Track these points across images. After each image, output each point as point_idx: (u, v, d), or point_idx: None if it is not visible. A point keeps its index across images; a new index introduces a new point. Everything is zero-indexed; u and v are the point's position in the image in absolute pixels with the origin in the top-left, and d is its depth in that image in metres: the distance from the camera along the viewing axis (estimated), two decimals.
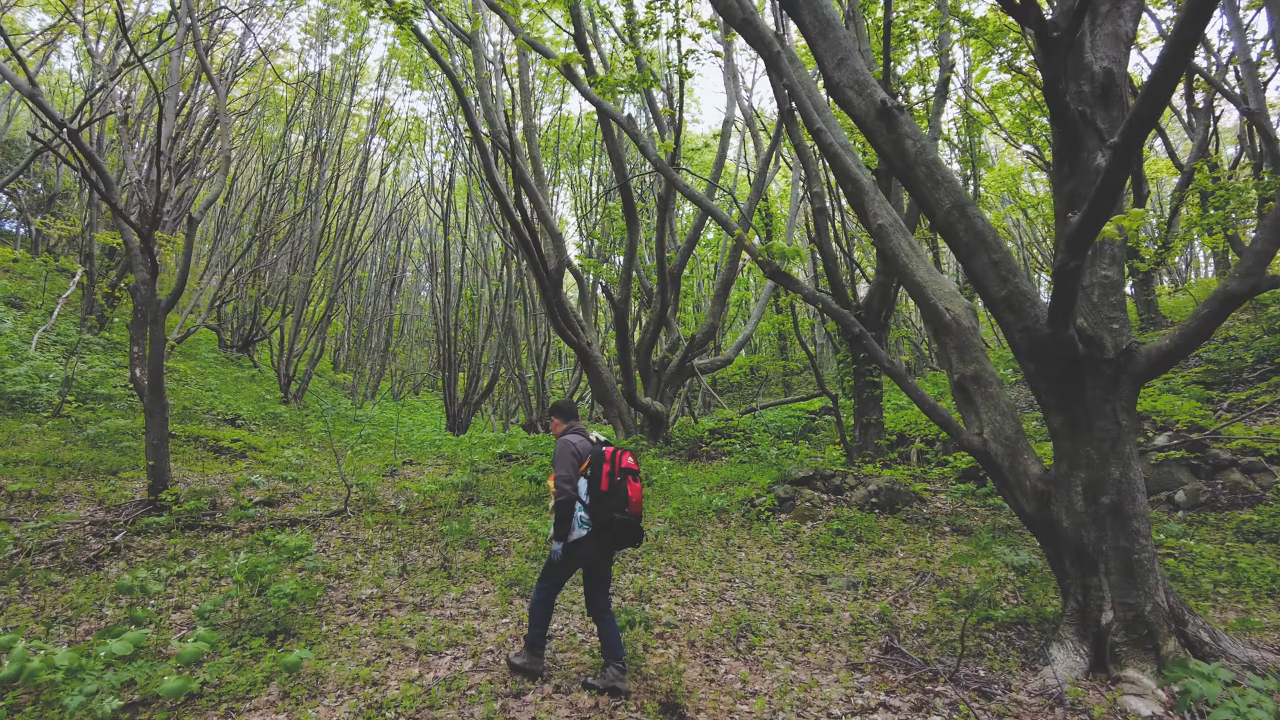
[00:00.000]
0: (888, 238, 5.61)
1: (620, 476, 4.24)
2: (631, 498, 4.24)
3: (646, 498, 9.02)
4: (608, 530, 4.20)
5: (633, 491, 4.25)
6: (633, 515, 4.25)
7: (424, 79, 23.82)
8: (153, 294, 8.04)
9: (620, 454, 4.35)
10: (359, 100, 27.93)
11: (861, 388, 10.09)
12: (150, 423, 7.89)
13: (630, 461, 4.36)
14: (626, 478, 4.25)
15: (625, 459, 4.33)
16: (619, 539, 4.30)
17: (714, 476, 9.97)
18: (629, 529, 4.26)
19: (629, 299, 11.71)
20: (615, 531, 4.22)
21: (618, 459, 4.30)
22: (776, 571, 6.72)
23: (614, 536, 4.25)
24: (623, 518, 4.20)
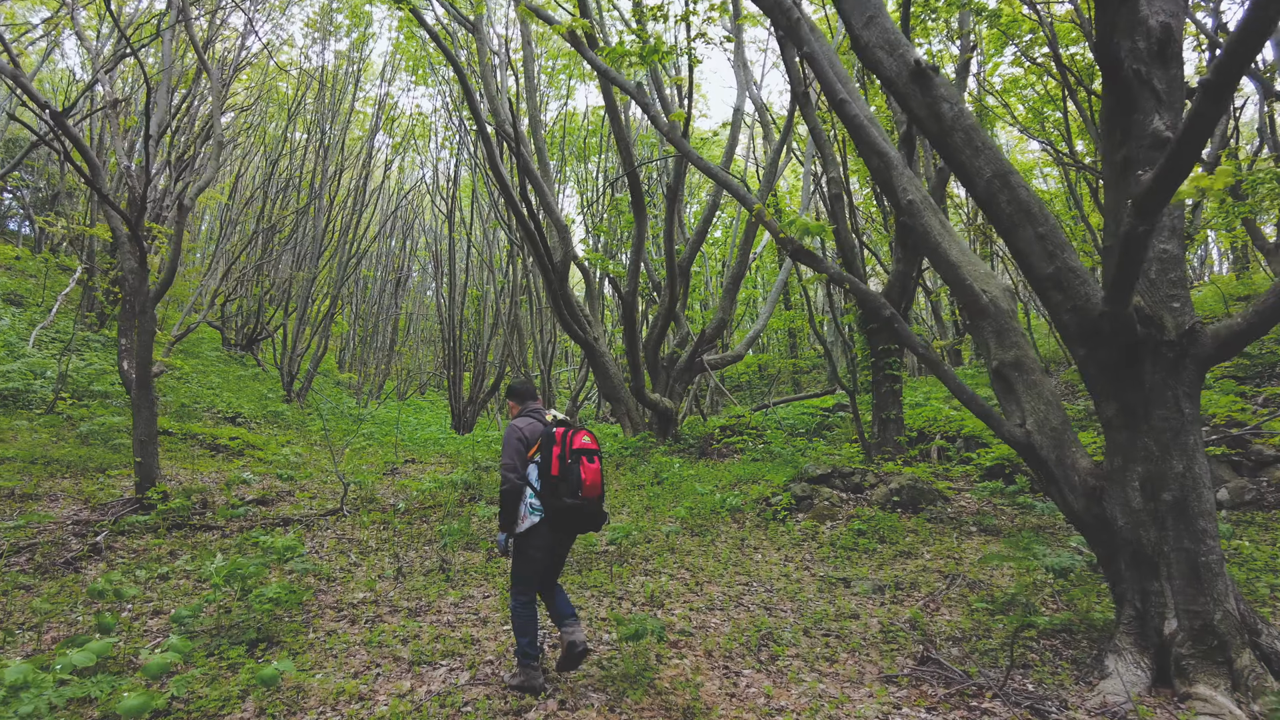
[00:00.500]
0: (919, 214, 5.20)
1: (572, 458, 3.91)
2: (585, 480, 3.89)
3: (656, 496, 8.63)
4: (561, 517, 3.90)
5: (587, 473, 3.90)
6: (587, 499, 3.91)
7: (428, 74, 23.49)
8: (141, 284, 7.69)
9: (573, 433, 4.02)
10: (363, 98, 27.67)
11: (880, 382, 9.67)
12: (138, 418, 7.54)
13: (586, 440, 4.01)
14: (579, 459, 3.91)
15: (579, 438, 4.00)
16: (575, 525, 4.03)
17: (726, 475, 9.57)
18: (583, 514, 3.94)
19: (637, 292, 11.32)
20: (569, 518, 3.92)
21: (569, 439, 3.97)
22: (796, 574, 6.32)
23: (568, 523, 3.97)
24: (575, 503, 3.87)
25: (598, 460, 3.99)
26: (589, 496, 3.91)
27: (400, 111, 28.20)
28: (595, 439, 4.12)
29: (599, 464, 3.99)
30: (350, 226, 23.94)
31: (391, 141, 26.88)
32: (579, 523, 4.00)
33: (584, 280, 14.47)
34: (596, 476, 3.93)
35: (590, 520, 4.02)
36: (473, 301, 27.46)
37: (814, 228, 5.64)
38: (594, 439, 4.09)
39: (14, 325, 16.07)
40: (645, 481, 9.35)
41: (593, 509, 3.97)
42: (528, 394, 4.43)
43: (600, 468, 4.00)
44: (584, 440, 4.00)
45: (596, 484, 3.94)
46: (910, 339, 5.09)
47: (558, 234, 12.61)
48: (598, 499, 3.98)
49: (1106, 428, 4.24)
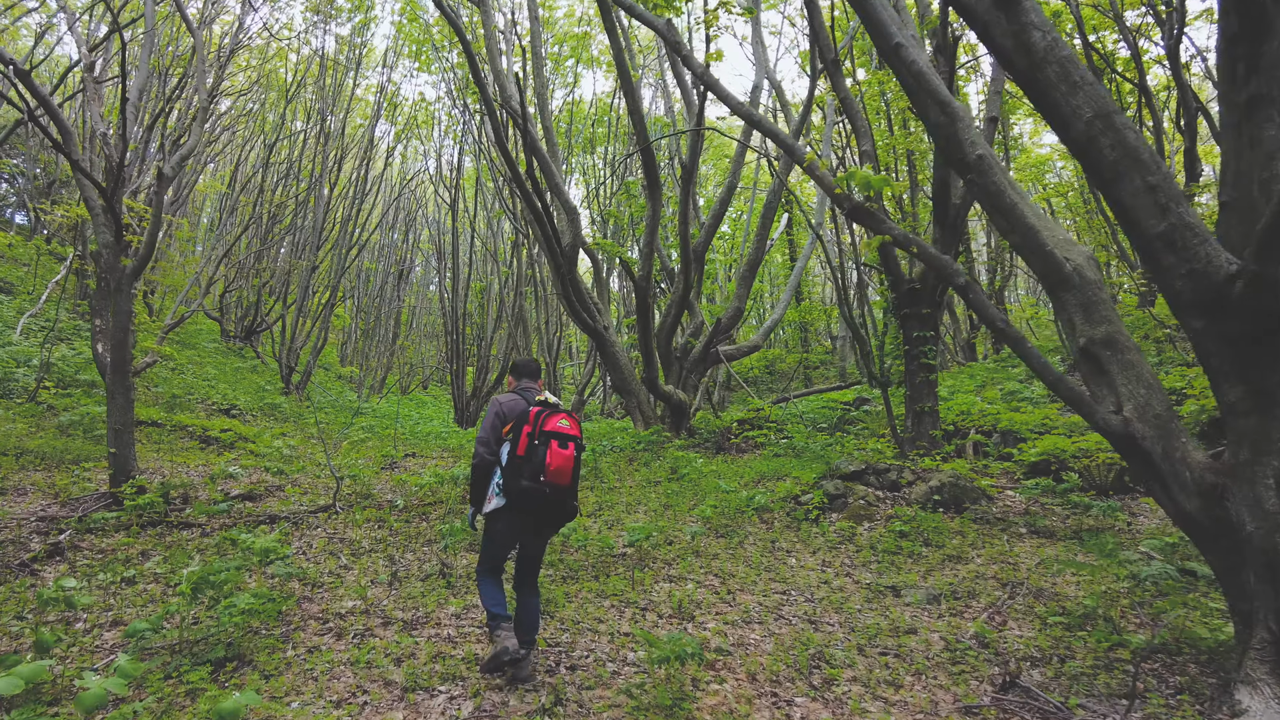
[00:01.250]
0: (989, 172, 4.52)
1: (540, 440, 3.66)
2: (550, 464, 3.61)
3: (674, 493, 7.98)
4: (521, 500, 3.65)
5: (554, 458, 3.62)
6: (551, 484, 3.62)
7: (431, 60, 22.84)
8: (117, 260, 7.05)
9: (548, 415, 3.75)
10: (365, 85, 27.01)
11: (914, 372, 9.00)
12: (112, 405, 6.91)
13: (563, 425, 3.74)
14: (549, 441, 3.65)
15: (554, 420, 3.73)
16: (538, 512, 3.74)
17: (748, 471, 8.92)
18: (545, 501, 3.66)
19: (651, 277, 10.67)
20: (529, 502, 3.65)
21: (541, 419, 3.72)
22: (837, 581, 5.66)
23: (530, 508, 3.70)
24: (533, 485, 3.60)
25: (571, 447, 3.71)
26: (553, 482, 3.62)
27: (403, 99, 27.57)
28: (577, 425, 3.83)
29: (572, 451, 3.71)
30: (351, 217, 23.30)
31: (394, 130, 26.25)
32: (543, 510, 3.73)
33: (592, 268, 13.80)
34: (565, 463, 3.66)
35: (555, 509, 3.75)
36: (476, 294, 26.85)
37: (876, 181, 4.96)
38: (575, 424, 3.81)
39: (1, 313, 15.45)
40: (661, 477, 8.70)
41: (557, 496, 3.67)
42: (526, 371, 4.24)
43: (574, 455, 3.72)
44: (559, 424, 3.73)
45: (564, 470, 3.65)
46: (989, 310, 4.42)
47: (566, 217, 11.95)
48: (564, 487, 3.67)
49: (1229, 414, 3.57)
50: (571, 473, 3.70)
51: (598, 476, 8.79)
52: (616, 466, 9.42)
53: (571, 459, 3.69)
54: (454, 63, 22.09)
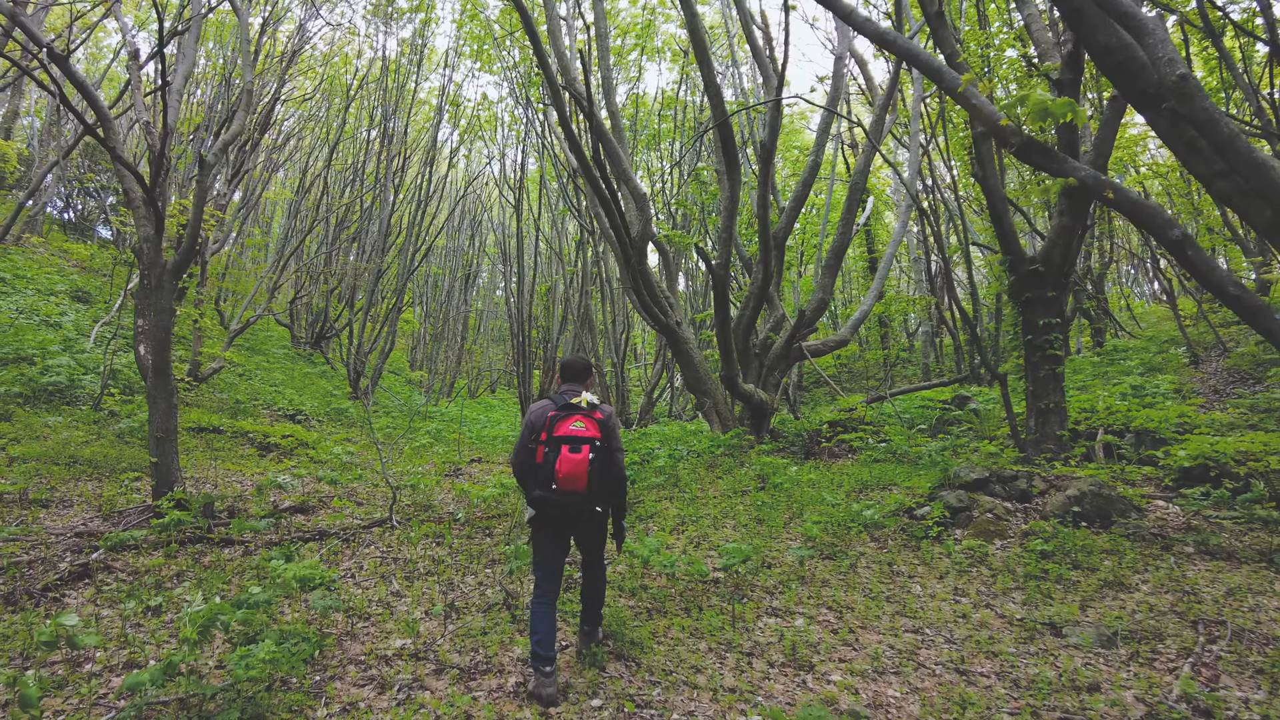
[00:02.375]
0: (1194, 97, 3.47)
1: (550, 446, 3.60)
2: (559, 471, 3.52)
3: (765, 506, 7.03)
4: (540, 508, 3.63)
5: (564, 464, 3.52)
6: (563, 492, 3.54)
7: (493, 58, 22.43)
8: (158, 255, 6.55)
9: (561, 419, 3.66)
10: (429, 89, 26.86)
11: (1037, 364, 7.82)
12: (154, 411, 6.39)
13: (574, 428, 3.62)
14: (560, 447, 3.57)
15: (565, 424, 3.63)
16: (558, 520, 3.68)
17: (846, 479, 7.90)
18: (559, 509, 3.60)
19: (729, 265, 9.73)
20: (546, 511, 3.62)
21: (554, 424, 3.65)
22: (978, 615, 4.64)
23: (549, 517, 3.66)
24: (544, 494, 3.57)
25: (585, 450, 3.56)
26: (566, 489, 3.53)
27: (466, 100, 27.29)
28: (595, 426, 3.67)
29: (585, 454, 3.55)
30: (416, 220, 23.06)
31: (457, 132, 25.96)
32: (562, 519, 3.67)
33: (661, 261, 12.97)
34: (576, 468, 3.52)
35: (574, 517, 3.66)
36: (541, 297, 26.37)
37: (1057, 107, 3.92)
38: (592, 426, 3.66)
39: (77, 322, 15.54)
40: (749, 486, 7.77)
41: (571, 503, 3.57)
42: (568, 374, 4.01)
43: (588, 457, 3.55)
44: (571, 427, 3.62)
45: (575, 475, 3.52)
46: (1215, 273, 3.38)
47: (635, 205, 11.13)
48: (578, 494, 3.55)
49: None
50: (586, 477, 3.53)
51: (677, 485, 7.92)
52: (696, 474, 8.53)
53: (584, 463, 3.53)
54: (515, 60, 21.62)
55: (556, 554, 3.76)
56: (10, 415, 9.51)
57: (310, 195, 20.71)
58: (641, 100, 24.47)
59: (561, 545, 3.77)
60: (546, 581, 3.71)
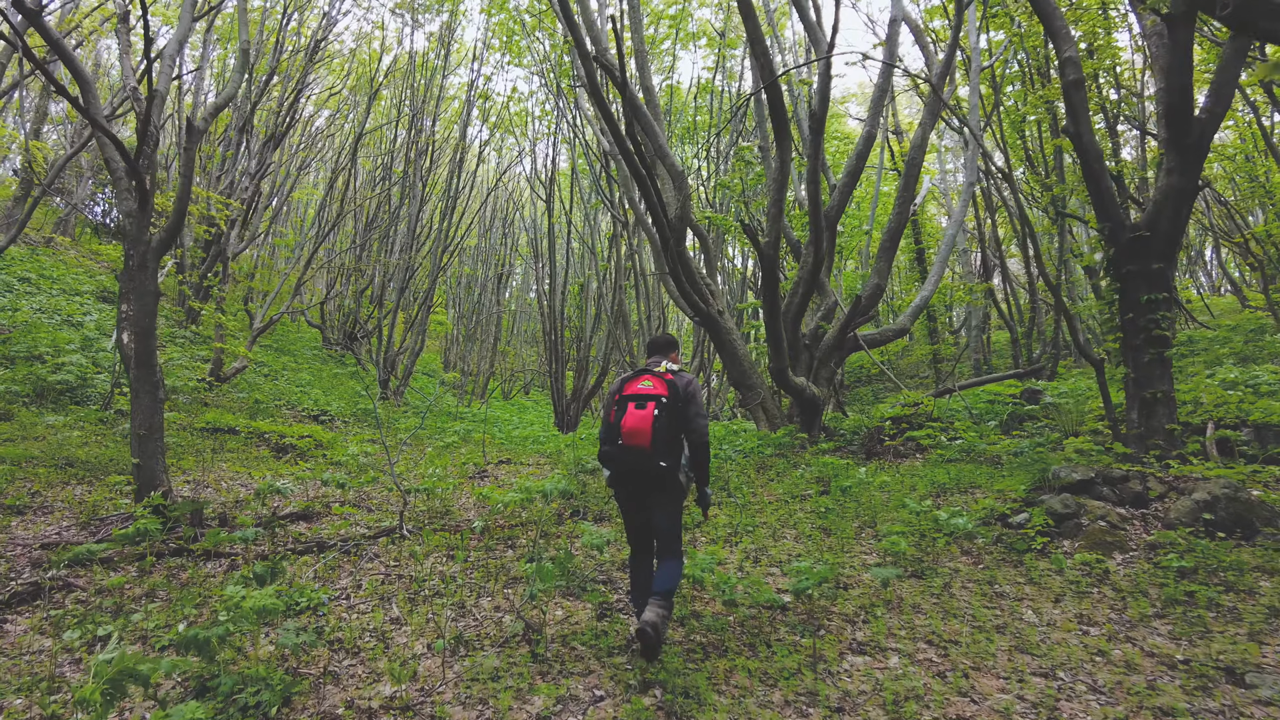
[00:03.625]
0: None
1: (618, 405, 3.68)
2: (623, 427, 3.57)
3: (828, 511, 6.08)
4: (609, 464, 3.67)
5: (628, 419, 3.57)
6: (626, 447, 3.56)
7: (522, 50, 21.75)
8: (142, 232, 5.84)
9: (631, 379, 3.76)
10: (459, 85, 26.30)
11: (1140, 347, 6.74)
12: (136, 406, 5.68)
13: (641, 386, 3.68)
14: (626, 405, 3.63)
15: (635, 384, 3.70)
16: (624, 477, 3.67)
17: (919, 482, 6.91)
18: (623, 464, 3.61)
19: (779, 245, 8.77)
20: (614, 466, 3.66)
21: (623, 385, 3.76)
22: (1119, 651, 3.66)
23: (618, 473, 3.67)
24: (610, 449, 3.63)
25: (651, 406, 3.59)
26: (629, 444, 3.56)
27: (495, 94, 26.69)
28: (662, 384, 3.68)
29: (650, 410, 3.57)
30: (446, 214, 22.44)
31: (485, 126, 25.33)
32: (628, 476, 3.65)
33: (700, 248, 12.07)
34: (640, 423, 3.55)
35: (639, 474, 3.61)
36: (574, 296, 25.64)
37: None
38: (659, 384, 3.67)
39: (100, 322, 15.12)
40: (808, 490, 6.82)
41: (633, 458, 3.57)
42: (654, 347, 4.09)
43: (652, 413, 3.56)
44: (639, 385, 3.69)
45: (638, 431, 3.54)
46: None
47: (672, 185, 10.24)
48: (638, 449, 3.55)
49: None
50: (651, 432, 3.51)
51: (725, 490, 6.99)
52: (746, 476, 7.59)
53: (648, 418, 3.53)
54: (546, 51, 20.92)
55: (635, 516, 3.77)
56: (12, 415, 8.96)
57: (336, 190, 20.16)
58: (676, 90, 23.61)
59: (637, 506, 3.73)
60: (638, 550, 3.80)
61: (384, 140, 24.06)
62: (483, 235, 34.96)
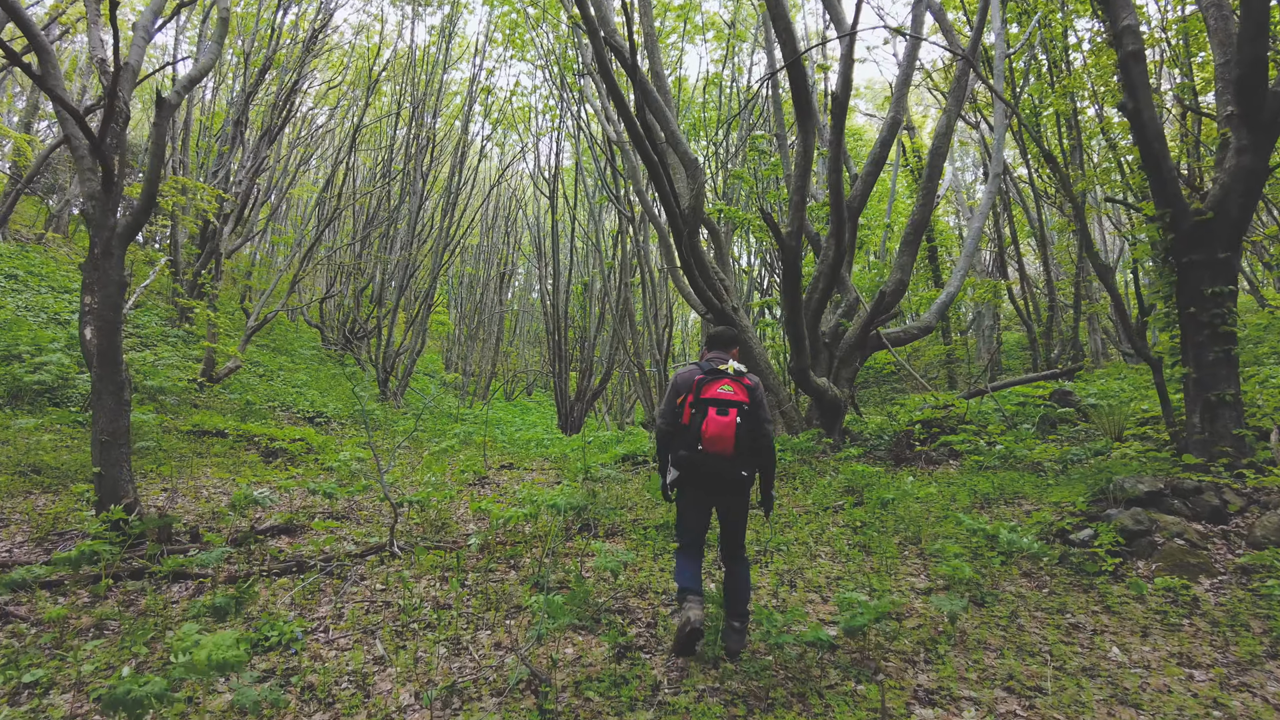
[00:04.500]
0: None
1: (697, 408, 3.51)
2: (705, 433, 3.43)
3: (865, 525, 5.50)
4: (686, 471, 3.53)
5: (710, 425, 3.43)
6: (708, 454, 3.44)
7: (526, 45, 21.19)
8: (106, 215, 5.27)
9: (708, 382, 3.56)
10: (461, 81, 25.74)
11: (1203, 345, 6.14)
12: (98, 409, 5.11)
13: (721, 390, 3.53)
14: (706, 409, 3.48)
15: (713, 387, 3.54)
16: (705, 483, 3.55)
17: (958, 491, 6.31)
18: (704, 472, 3.48)
19: (801, 235, 8.17)
20: (693, 473, 3.52)
21: (701, 387, 3.56)
22: (1239, 702, 3.07)
23: (696, 479, 3.54)
24: (690, 455, 3.47)
25: (733, 413, 3.47)
26: (712, 451, 3.44)
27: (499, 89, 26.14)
28: (742, 389, 3.57)
29: (733, 416, 3.46)
30: (447, 211, 21.86)
31: (487, 121, 24.75)
32: (708, 481, 3.54)
33: (711, 242, 11.48)
34: (725, 430, 3.43)
35: (720, 480, 3.51)
36: (578, 296, 25.07)
37: None
38: (740, 389, 3.56)
39: None
40: (841, 500, 6.22)
41: (716, 466, 3.46)
42: (716, 342, 3.91)
43: (735, 420, 3.45)
44: (719, 390, 3.54)
45: (722, 438, 3.42)
46: None
47: (685, 173, 9.66)
48: (725, 455, 3.44)
49: None
50: (735, 439, 3.44)
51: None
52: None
53: (732, 425, 3.45)
54: (549, 45, 20.37)
55: (699, 522, 3.66)
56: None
57: (334, 185, 19.61)
58: (683, 85, 23.02)
59: (704, 513, 3.67)
60: (691, 547, 3.65)
61: (384, 136, 23.49)
62: (485, 234, 34.44)
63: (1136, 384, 11.70)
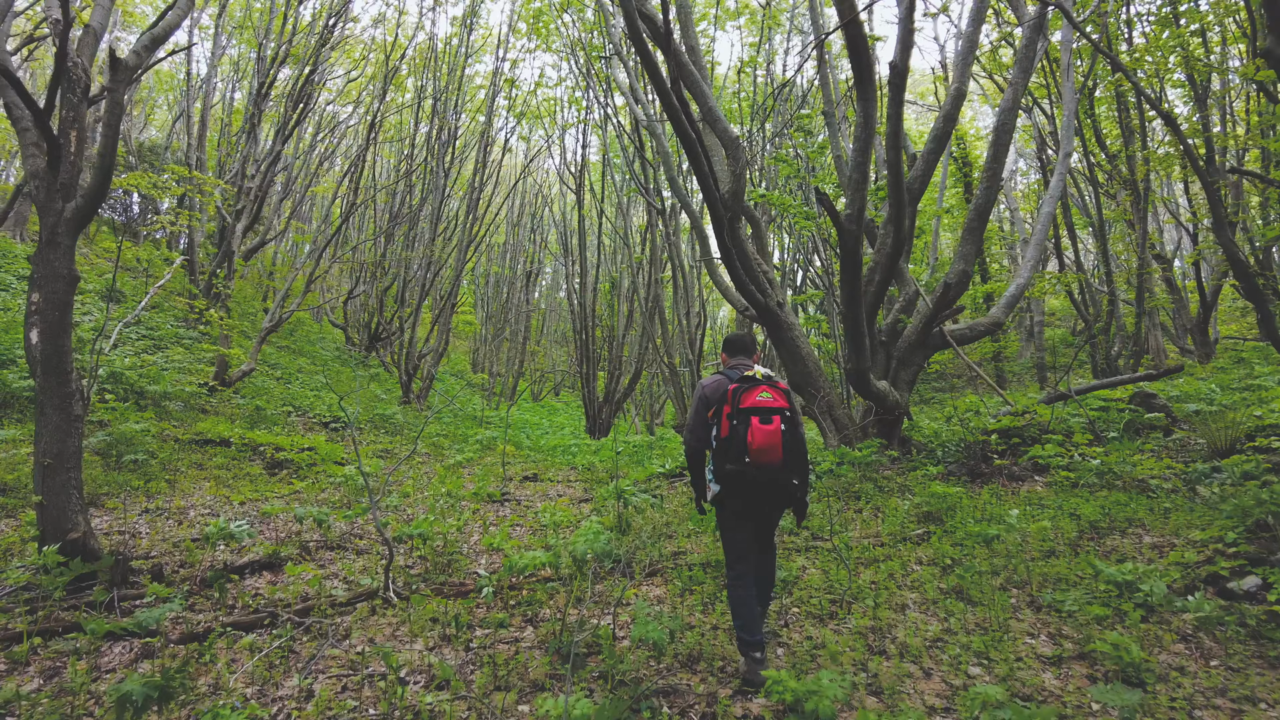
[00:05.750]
0: None
1: (738, 419, 3.30)
2: (752, 443, 3.24)
3: (957, 563, 4.53)
4: (732, 484, 3.33)
5: (756, 435, 3.24)
6: (758, 465, 3.24)
7: (551, 34, 20.39)
8: (52, 198, 4.48)
9: (745, 390, 3.36)
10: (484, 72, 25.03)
11: None
12: (42, 425, 4.32)
13: (763, 398, 3.32)
14: (749, 419, 3.28)
15: (751, 396, 3.33)
16: (754, 495, 3.35)
17: (1061, 518, 5.29)
18: (756, 484, 3.29)
19: (863, 216, 7.17)
20: (740, 486, 3.31)
21: (739, 397, 3.35)
22: None
23: (744, 491, 3.34)
24: (736, 468, 3.27)
25: (776, 421, 3.30)
26: (761, 462, 3.25)
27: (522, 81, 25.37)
28: (782, 396, 3.39)
29: (778, 424, 3.29)
30: (470, 206, 21.10)
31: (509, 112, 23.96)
32: (757, 493, 3.36)
33: (752, 232, 10.52)
34: (771, 439, 3.26)
35: (770, 491, 3.35)
36: (605, 295, 24.22)
37: None
38: (779, 395, 3.37)
39: (99, 322, 13.99)
40: (916, 529, 5.25)
41: (767, 476, 3.28)
42: (737, 347, 3.74)
43: (780, 428, 3.28)
44: (759, 398, 3.33)
45: (771, 447, 3.25)
46: None
47: (726, 154, 8.72)
48: (774, 465, 3.26)
49: None
50: (783, 447, 3.27)
51: (807, 528, 5.45)
52: (831, 509, 6.04)
53: (778, 433, 3.26)
54: (576, 36, 19.53)
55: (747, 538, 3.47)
56: None
57: (351, 179, 18.93)
58: (714, 75, 22.01)
59: (751, 528, 3.48)
60: (742, 563, 3.44)
61: (405, 129, 22.81)
62: (511, 231, 33.78)
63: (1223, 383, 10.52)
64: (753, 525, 3.48)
